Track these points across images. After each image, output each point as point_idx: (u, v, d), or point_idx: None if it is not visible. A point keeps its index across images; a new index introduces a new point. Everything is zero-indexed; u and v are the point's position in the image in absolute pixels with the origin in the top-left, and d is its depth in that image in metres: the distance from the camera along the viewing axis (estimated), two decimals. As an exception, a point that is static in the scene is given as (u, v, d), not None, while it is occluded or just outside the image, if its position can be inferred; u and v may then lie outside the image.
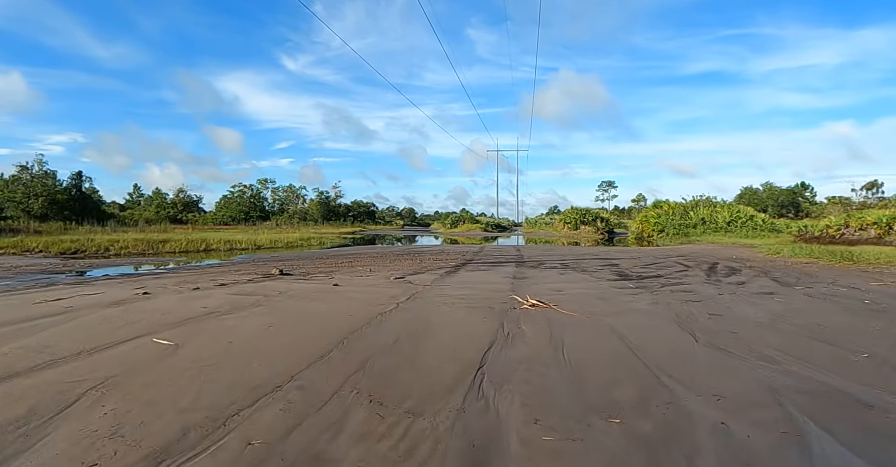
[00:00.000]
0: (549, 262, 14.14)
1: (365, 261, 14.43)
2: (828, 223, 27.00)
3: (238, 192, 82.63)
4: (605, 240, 39.05)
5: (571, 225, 44.21)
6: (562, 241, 35.66)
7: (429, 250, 19.99)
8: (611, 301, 7.43)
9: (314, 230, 57.29)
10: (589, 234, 42.56)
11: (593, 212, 44.54)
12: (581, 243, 35.13)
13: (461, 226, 51.84)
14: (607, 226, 44.38)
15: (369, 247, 24.34)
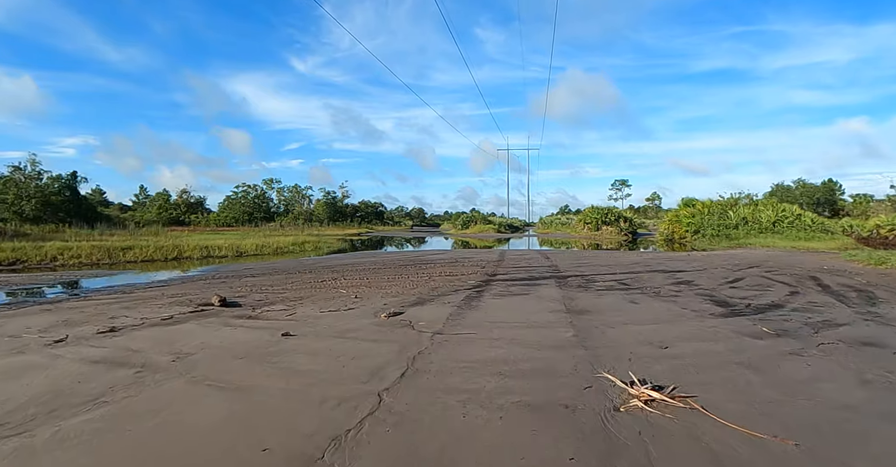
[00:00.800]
0: (598, 278, 10.63)
1: (356, 276, 11.00)
2: (878, 222, 23.27)
3: (242, 193, 79.68)
4: (629, 241, 35.42)
5: (592, 225, 40.55)
6: (582, 244, 32.14)
7: (438, 259, 16.52)
8: (772, 374, 3.93)
9: (317, 232, 54.08)
10: (612, 236, 38.89)
11: (615, 212, 40.87)
12: (603, 245, 31.57)
13: (473, 226, 48.39)
14: (631, 226, 40.69)
15: (369, 254, 20.93)
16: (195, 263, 16.78)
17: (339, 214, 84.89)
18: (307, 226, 68.59)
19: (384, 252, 21.73)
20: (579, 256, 17.70)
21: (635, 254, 19.23)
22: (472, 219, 49.33)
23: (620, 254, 18.56)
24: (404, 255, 18.06)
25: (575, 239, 38.84)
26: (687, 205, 33.91)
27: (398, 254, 19.64)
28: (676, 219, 33.09)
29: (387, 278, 10.54)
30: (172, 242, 20.01)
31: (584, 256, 17.65)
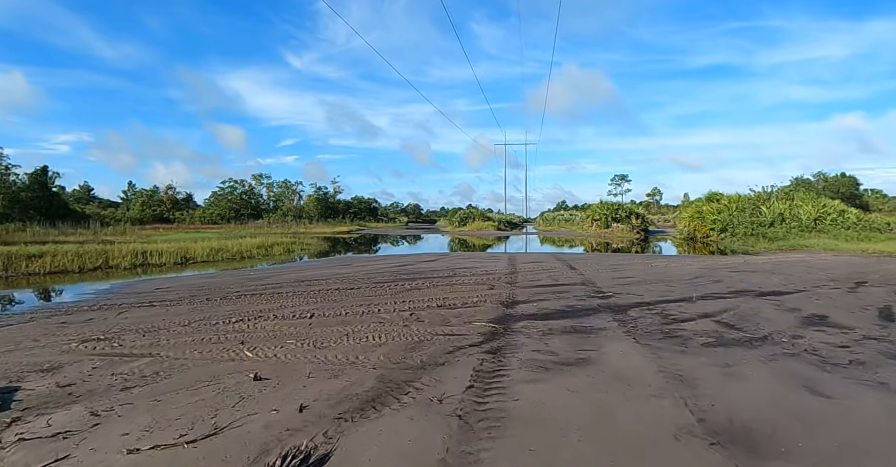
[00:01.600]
0: (672, 310, 6.70)
1: (295, 308, 7.00)
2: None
3: (229, 189, 75.48)
4: (641, 240, 31.61)
5: (602, 222, 36.68)
6: (590, 242, 28.32)
7: (430, 270, 12.59)
8: None
9: (304, 230, 50.12)
10: (623, 233, 35.06)
11: (627, 208, 37.02)
12: (613, 243, 27.75)
13: (471, 223, 44.51)
14: (643, 223, 36.86)
15: (343, 261, 16.99)
16: (120, 274, 12.86)
17: (331, 211, 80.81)
18: (296, 224, 64.58)
19: (362, 258, 17.77)
20: (610, 264, 13.79)
21: (680, 261, 15.35)
22: (469, 216, 45.45)
23: (661, 261, 14.67)
24: (385, 264, 14.15)
25: (582, 237, 35.01)
26: (710, 200, 30.07)
27: (379, 261, 15.73)
28: (698, 216, 29.24)
29: (342, 314, 6.61)
30: (98, 248, 16.00)
31: (616, 264, 13.75)
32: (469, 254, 18.25)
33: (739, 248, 21.48)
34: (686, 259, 15.76)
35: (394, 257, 17.13)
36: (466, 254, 18.35)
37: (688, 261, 14.79)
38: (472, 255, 17.57)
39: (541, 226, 54.07)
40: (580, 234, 36.50)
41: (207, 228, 63.90)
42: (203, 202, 78.51)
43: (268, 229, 54.78)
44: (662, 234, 37.34)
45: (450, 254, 18.27)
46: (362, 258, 17.41)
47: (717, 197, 29.97)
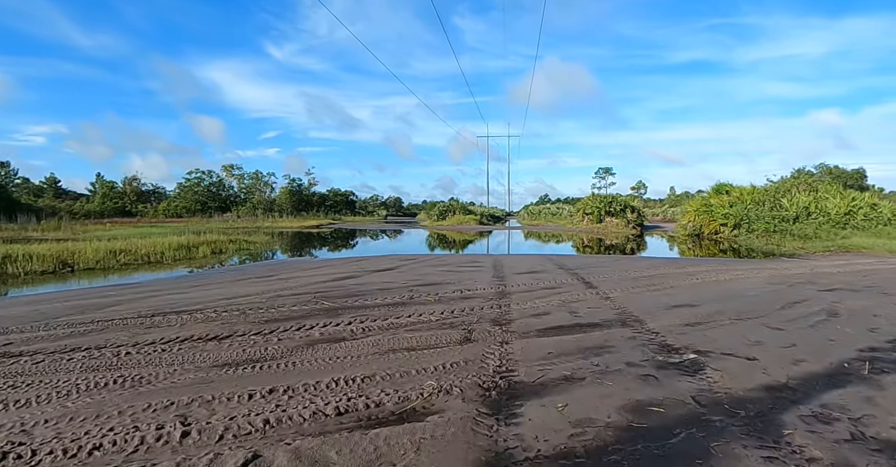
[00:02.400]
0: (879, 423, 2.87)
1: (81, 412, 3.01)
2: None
3: (195, 180, 70.20)
4: (637, 236, 27.98)
5: (594, 216, 32.94)
6: (581, 239, 24.58)
7: (375, 292, 8.50)
8: None
9: (270, 224, 45.62)
10: (618, 229, 31.38)
11: (621, 200, 33.32)
12: (608, 239, 24.02)
13: (451, 217, 40.50)
14: (639, 217, 33.24)
15: (262, 273, 12.85)
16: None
17: (306, 204, 76.10)
18: (266, 217, 59.97)
19: (298, 264, 13.51)
20: (634, 275, 9.85)
21: (724, 269, 11.48)
22: (449, 209, 41.43)
23: (698, 269, 10.78)
24: (320, 276, 10.04)
25: (572, 232, 31.26)
26: (719, 192, 26.45)
27: (316, 270, 11.57)
28: (706, 210, 25.60)
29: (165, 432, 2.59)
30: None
31: (643, 275, 9.81)
32: (442, 259, 14.22)
33: (764, 247, 17.83)
34: (726, 264, 11.91)
35: (342, 263, 12.98)
36: (439, 258, 14.31)
37: (732, 268, 10.95)
38: (447, 260, 13.55)
39: (525, 220, 50.30)
40: (570, 229, 32.74)
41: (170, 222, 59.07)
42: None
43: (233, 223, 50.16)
44: (659, 230, 33.77)
45: (418, 258, 14.20)
46: (298, 264, 13.18)
47: (726, 188, 26.38)
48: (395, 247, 20.69)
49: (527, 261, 12.96)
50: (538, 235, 29.42)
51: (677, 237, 26.35)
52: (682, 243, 22.44)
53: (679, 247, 19.75)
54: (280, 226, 43.14)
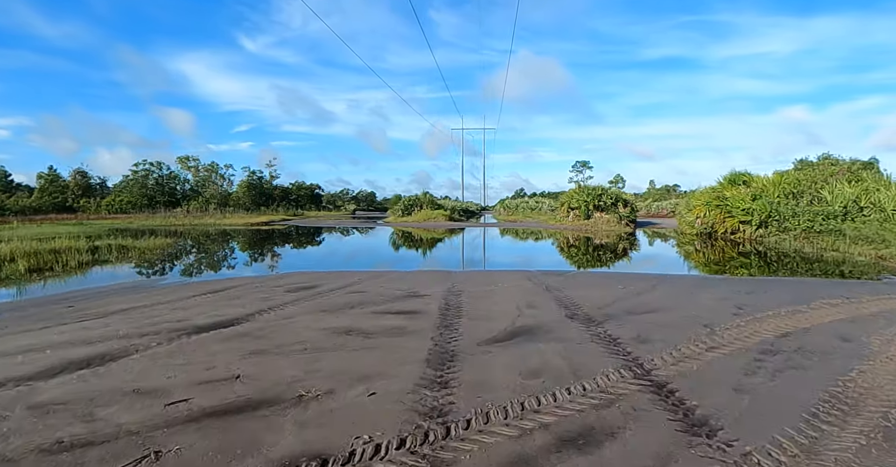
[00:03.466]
0: None
1: None
2: None
3: (142, 172, 63.05)
4: (631, 234, 23.07)
5: (581, 211, 27.81)
6: (566, 237, 19.51)
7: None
8: None
9: (214, 221, 39.47)
10: (609, 226, 26.32)
11: (612, 193, 28.23)
12: (596, 238, 18.99)
13: (417, 212, 35.00)
14: (633, 213, 28.27)
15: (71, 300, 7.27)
16: None
17: (266, 198, 69.61)
18: (220, 212, 53.60)
19: (92, 301, 7.99)
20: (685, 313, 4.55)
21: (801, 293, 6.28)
22: (415, 203, 35.83)
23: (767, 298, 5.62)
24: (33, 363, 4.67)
25: (555, 230, 26.16)
26: (735, 183, 21.52)
27: (62, 328, 6.20)
28: (718, 204, 20.68)
29: None
30: None
31: (697, 315, 4.53)
32: (367, 282, 8.74)
33: (811, 252, 12.91)
34: (790, 286, 6.76)
35: (178, 291, 7.40)
36: (362, 282, 8.84)
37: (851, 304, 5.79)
38: (368, 288, 8.06)
39: (501, 216, 45.13)
40: (553, 227, 27.62)
41: (113, 218, 52.43)
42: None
43: (174, 220, 43.87)
44: (654, 227, 28.89)
45: (324, 282, 8.69)
46: (84, 303, 7.56)
47: (743, 178, 21.49)
48: (323, 255, 15.25)
49: (505, 292, 7.59)
50: (516, 233, 24.25)
51: (684, 236, 21.43)
52: (691, 245, 17.55)
53: (697, 254, 14.75)
54: (224, 223, 37.08)
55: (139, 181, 62.10)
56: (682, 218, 24.42)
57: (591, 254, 14.74)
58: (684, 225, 23.35)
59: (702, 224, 21.68)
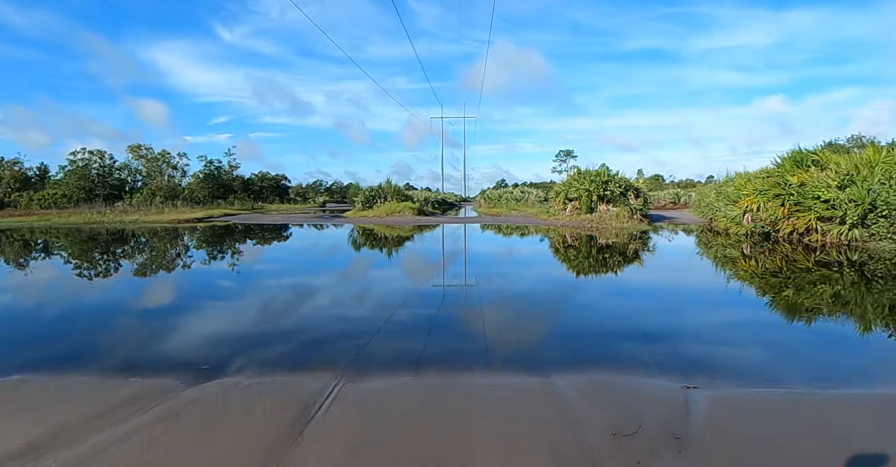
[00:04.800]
0: None
1: None
2: None
3: (81, 162, 55.06)
4: (643, 233, 17.10)
5: (583, 203, 21.57)
6: (565, 236, 13.47)
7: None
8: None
9: (139, 217, 32.43)
10: (621, 221, 20.10)
11: (620, 180, 22.01)
12: (611, 240, 12.94)
13: (380, 205, 28.39)
14: (646, 205, 22.17)
15: None
16: None
17: (225, 189, 62.18)
18: (167, 205, 46.29)
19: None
20: None
21: None
22: (378, 194, 29.08)
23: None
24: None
25: (550, 226, 19.95)
26: (801, 164, 15.37)
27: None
28: (780, 194, 14.63)
29: None
30: None
31: None
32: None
33: None
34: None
35: None
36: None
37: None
38: None
39: (483, 208, 38.81)
40: (547, 223, 21.38)
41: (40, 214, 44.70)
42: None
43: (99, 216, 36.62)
44: (673, 222, 22.80)
45: None
46: None
47: (814, 157, 15.33)
48: (203, 281, 8.81)
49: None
50: (498, 229, 17.96)
51: (729, 237, 15.39)
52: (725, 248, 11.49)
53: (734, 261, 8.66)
54: (149, 221, 30.06)
55: (77, 172, 54.22)
56: (714, 212, 18.37)
57: (573, 249, 8.56)
58: (729, 223, 17.26)
59: (754, 221, 15.61)
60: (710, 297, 7.08)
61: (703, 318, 5.73)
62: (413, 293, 7.17)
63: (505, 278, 8.73)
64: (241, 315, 5.84)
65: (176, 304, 6.82)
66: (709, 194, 21.69)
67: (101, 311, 6.32)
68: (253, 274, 9.35)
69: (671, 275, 8.96)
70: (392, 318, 5.60)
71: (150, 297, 7.29)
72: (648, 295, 7.17)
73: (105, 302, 6.99)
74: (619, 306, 6.35)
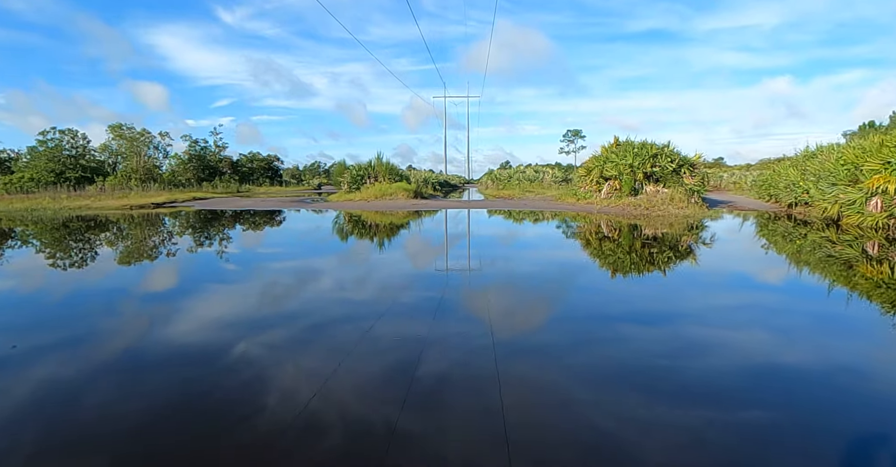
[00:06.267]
0: None
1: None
2: None
3: (53, 142, 50.02)
4: (699, 224, 12.13)
5: (624, 182, 16.59)
6: (619, 224, 8.54)
7: None
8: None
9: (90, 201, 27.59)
10: (677, 206, 15.19)
11: (671, 154, 17.00)
12: (663, 229, 7.87)
13: (369, 187, 23.36)
14: (703, 184, 17.17)
15: None
16: None
17: (212, 171, 57.17)
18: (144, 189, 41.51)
19: None
20: None
21: None
22: (367, 174, 23.89)
23: None
24: None
25: (579, 212, 15.12)
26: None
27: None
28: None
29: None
30: None
31: None
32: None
33: None
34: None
35: None
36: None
37: None
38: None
39: (489, 190, 33.78)
40: (575, 207, 16.47)
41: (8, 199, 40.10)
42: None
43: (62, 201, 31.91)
44: (729, 207, 17.77)
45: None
46: None
47: None
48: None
49: None
50: (515, 217, 13.12)
51: (844, 231, 10.55)
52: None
53: None
54: (96, 207, 25.20)
55: (47, 154, 49.34)
56: (797, 195, 13.46)
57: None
58: (821, 207, 12.32)
59: (888, 208, 10.67)
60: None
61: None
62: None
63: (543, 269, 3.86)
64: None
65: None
66: (785, 173, 16.60)
67: None
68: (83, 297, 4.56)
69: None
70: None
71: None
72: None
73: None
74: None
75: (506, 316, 4.36)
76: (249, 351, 3.36)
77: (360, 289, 5.48)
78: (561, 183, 27.39)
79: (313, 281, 5.99)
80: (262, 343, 3.55)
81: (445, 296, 5.00)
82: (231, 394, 2.65)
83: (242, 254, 8.54)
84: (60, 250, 9.28)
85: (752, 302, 4.85)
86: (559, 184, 27.38)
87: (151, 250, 9.01)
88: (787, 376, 2.86)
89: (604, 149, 17.91)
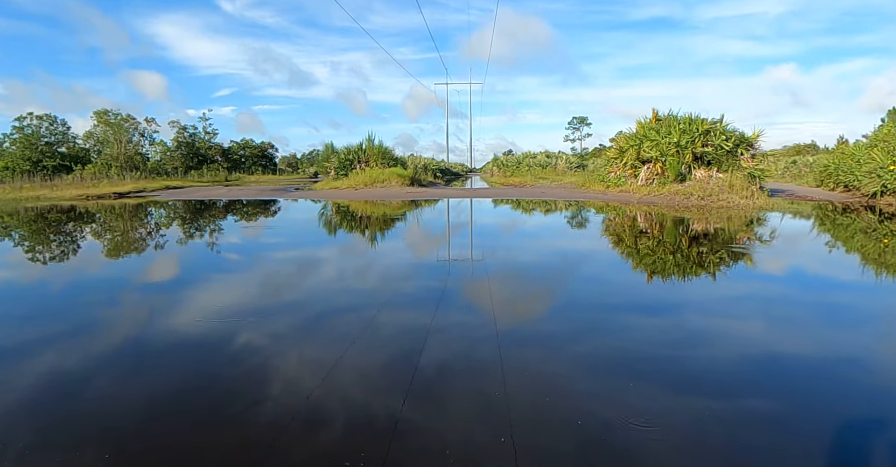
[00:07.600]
0: None
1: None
2: None
3: (31, 129, 46.57)
4: (772, 222, 8.74)
5: (670, 167, 13.23)
6: (657, 215, 5.26)
7: None
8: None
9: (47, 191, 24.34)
10: (739, 194, 11.93)
11: (725, 131, 13.74)
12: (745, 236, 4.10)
13: (357, 174, 20.07)
14: (763, 171, 13.77)
15: None
16: None
17: (201, 159, 53.77)
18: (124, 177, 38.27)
19: None
20: None
21: None
22: (357, 158, 20.39)
23: None
24: None
25: (612, 201, 11.92)
26: None
27: None
28: None
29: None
30: None
31: None
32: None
33: None
34: None
35: None
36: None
37: None
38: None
39: (495, 177, 30.45)
40: (607, 197, 13.20)
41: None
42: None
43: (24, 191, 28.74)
44: (791, 196, 14.46)
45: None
46: None
47: None
48: None
49: None
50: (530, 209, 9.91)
51: None
52: None
53: None
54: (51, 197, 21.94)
55: (23, 141, 46.02)
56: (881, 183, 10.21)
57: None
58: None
59: None
60: None
61: None
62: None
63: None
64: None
65: None
66: (868, 156, 13.27)
67: None
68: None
69: None
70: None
71: None
72: None
73: None
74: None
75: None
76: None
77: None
78: (577, 169, 24.02)
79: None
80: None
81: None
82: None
83: (151, 263, 5.32)
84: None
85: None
86: (574, 170, 24.02)
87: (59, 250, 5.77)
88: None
89: (640, 126, 14.52)
